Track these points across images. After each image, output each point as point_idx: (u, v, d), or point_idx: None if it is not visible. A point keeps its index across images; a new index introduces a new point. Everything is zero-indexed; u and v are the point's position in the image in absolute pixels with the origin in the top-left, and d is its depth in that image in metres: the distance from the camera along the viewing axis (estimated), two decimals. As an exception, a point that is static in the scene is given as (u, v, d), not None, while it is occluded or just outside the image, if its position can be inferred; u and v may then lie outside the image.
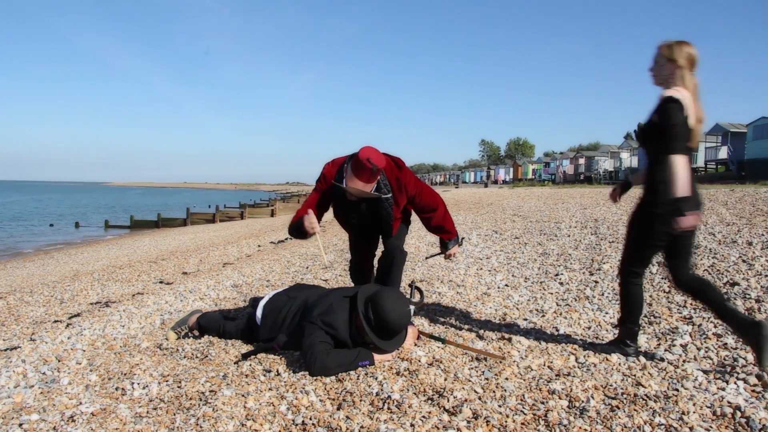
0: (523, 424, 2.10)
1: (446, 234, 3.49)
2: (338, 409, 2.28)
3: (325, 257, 3.40)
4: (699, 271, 4.44)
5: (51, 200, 69.58)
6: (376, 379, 2.54)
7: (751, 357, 2.67)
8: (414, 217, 3.64)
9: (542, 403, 2.27)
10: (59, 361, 3.12)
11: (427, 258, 4.47)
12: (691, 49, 2.63)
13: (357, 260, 3.71)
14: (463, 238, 3.80)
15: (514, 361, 2.76)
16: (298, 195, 61.99)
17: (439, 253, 3.61)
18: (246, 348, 3.15)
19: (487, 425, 2.09)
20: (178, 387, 2.55)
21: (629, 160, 36.53)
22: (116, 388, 2.59)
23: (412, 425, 2.09)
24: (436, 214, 3.42)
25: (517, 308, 3.90)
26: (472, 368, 2.67)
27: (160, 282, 6.93)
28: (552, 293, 4.31)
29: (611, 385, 2.43)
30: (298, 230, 3.26)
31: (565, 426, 2.07)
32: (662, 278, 4.35)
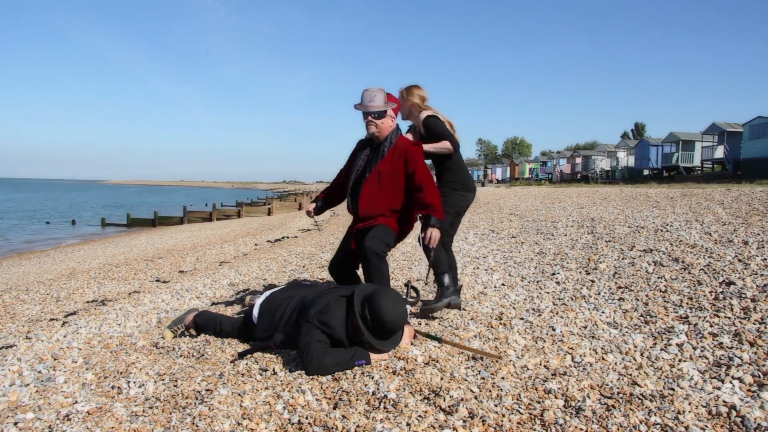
0: (519, 423, 2.11)
1: (435, 211, 3.25)
2: (334, 408, 2.28)
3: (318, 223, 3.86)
4: (695, 270, 4.45)
5: (47, 198, 69.36)
6: (373, 378, 2.54)
7: (746, 357, 2.69)
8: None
9: (538, 402, 2.27)
10: (55, 359, 3.11)
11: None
12: (422, 92, 3.68)
13: (337, 258, 3.62)
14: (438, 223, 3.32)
15: (510, 361, 2.77)
16: (295, 194, 61.94)
17: (421, 236, 3.25)
18: (242, 347, 3.15)
19: (483, 424, 2.09)
20: (174, 386, 2.55)
21: (626, 159, 36.63)
22: (112, 387, 2.59)
23: (408, 424, 2.09)
24: (435, 189, 3.37)
25: (514, 307, 3.90)
26: (468, 367, 2.67)
27: (157, 280, 6.92)
28: (548, 292, 4.31)
29: (607, 385, 2.44)
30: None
31: (561, 425, 2.07)
32: (658, 277, 4.36)
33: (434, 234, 3.23)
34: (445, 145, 3.55)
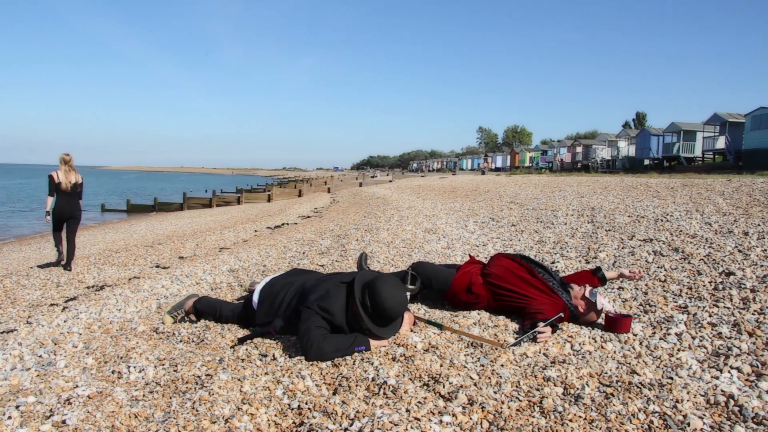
0: (518, 410, 2.12)
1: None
2: (334, 394, 2.29)
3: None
4: (695, 260, 4.45)
5: (46, 184, 69.13)
6: (372, 364, 2.55)
7: (745, 347, 2.69)
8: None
9: (537, 389, 2.28)
10: (55, 344, 3.12)
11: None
12: (63, 156, 6.28)
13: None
14: None
15: (510, 348, 2.77)
16: (295, 180, 61.77)
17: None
18: (242, 332, 3.15)
19: (482, 411, 2.10)
20: (175, 371, 2.56)
21: (627, 148, 36.50)
22: (112, 372, 2.59)
23: (407, 410, 2.10)
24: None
25: (514, 296, 3.89)
26: (467, 354, 2.68)
27: (157, 266, 6.92)
28: (548, 281, 4.31)
29: (606, 373, 2.45)
30: None
31: (560, 413, 2.08)
32: (657, 267, 4.36)
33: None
34: (48, 200, 6.36)
